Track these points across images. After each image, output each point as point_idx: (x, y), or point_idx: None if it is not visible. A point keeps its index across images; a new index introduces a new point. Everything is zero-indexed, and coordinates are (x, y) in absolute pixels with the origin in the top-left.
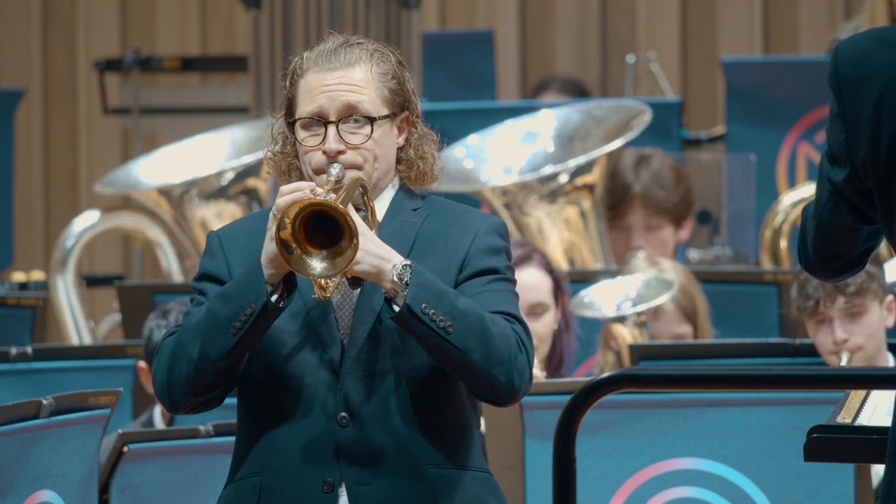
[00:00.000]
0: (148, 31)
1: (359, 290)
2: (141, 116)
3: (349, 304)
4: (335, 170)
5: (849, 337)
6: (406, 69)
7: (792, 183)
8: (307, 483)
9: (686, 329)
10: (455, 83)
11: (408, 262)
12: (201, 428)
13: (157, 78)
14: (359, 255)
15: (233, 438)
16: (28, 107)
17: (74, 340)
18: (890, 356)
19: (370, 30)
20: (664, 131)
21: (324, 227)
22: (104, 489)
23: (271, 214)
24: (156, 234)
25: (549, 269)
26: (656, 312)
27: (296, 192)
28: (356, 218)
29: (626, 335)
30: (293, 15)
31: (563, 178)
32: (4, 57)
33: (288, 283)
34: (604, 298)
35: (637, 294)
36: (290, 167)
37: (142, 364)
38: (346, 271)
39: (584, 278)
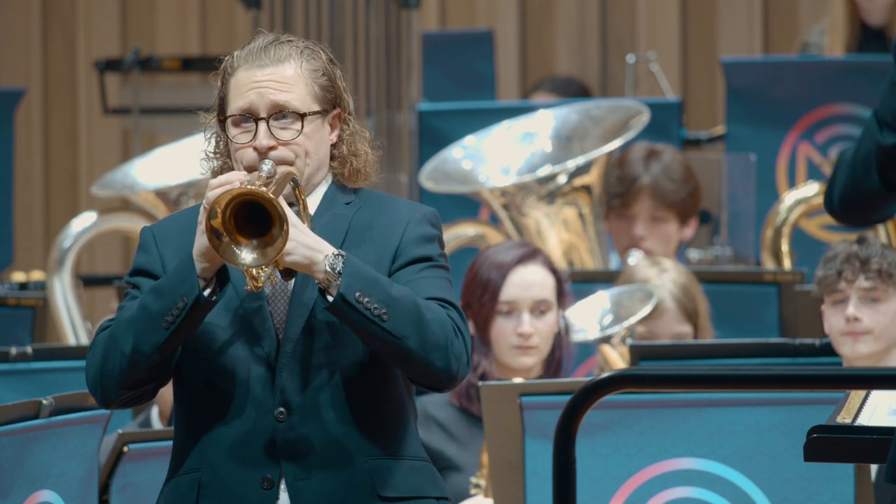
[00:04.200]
0: (148, 31)
1: (292, 284)
2: (141, 116)
3: (283, 299)
4: (266, 166)
5: (862, 317)
6: (337, 67)
7: (792, 183)
8: (246, 479)
9: (686, 329)
10: (455, 83)
11: (339, 251)
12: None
13: (157, 78)
14: (290, 245)
15: None
16: (28, 107)
17: (71, 341)
18: None
19: (370, 30)
20: (664, 131)
21: (255, 218)
22: (104, 489)
23: (202, 207)
24: None
25: (553, 268)
26: (657, 311)
27: (226, 184)
28: (286, 206)
29: (617, 359)
30: (293, 15)
31: (562, 179)
32: (4, 57)
33: (220, 277)
34: (583, 320)
35: (618, 307)
36: (223, 167)
37: None
38: (277, 261)
39: (583, 279)
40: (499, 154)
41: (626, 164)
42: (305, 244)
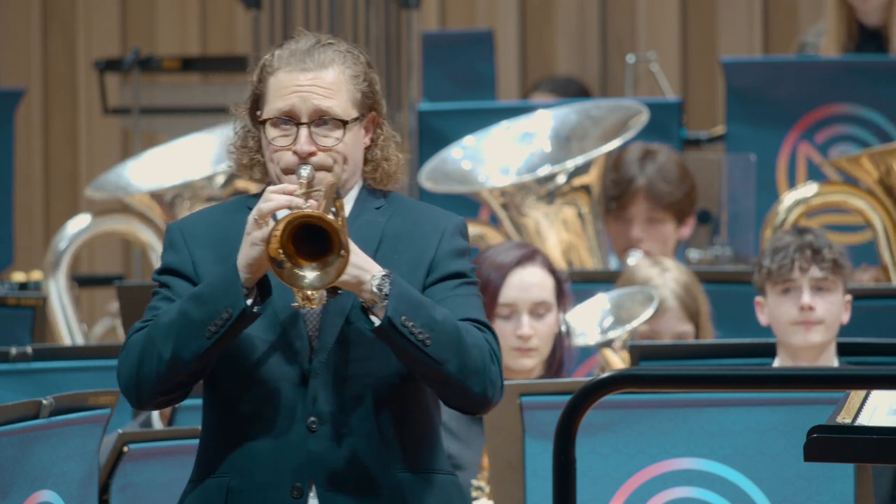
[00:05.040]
0: (148, 31)
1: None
2: (141, 116)
3: (317, 308)
4: (305, 171)
5: (815, 306)
6: (374, 70)
7: (792, 183)
8: (276, 487)
9: (688, 328)
10: (455, 83)
11: (385, 272)
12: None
13: (157, 78)
14: None
15: None
16: (28, 107)
17: (67, 342)
18: (836, 359)
19: (370, 30)
20: (664, 131)
21: (309, 237)
22: (104, 489)
23: (251, 219)
24: (148, 236)
25: (552, 269)
26: (659, 310)
27: (281, 197)
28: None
29: (618, 363)
30: (293, 15)
31: (561, 179)
32: (4, 57)
33: (262, 287)
34: (584, 324)
35: (618, 309)
36: (252, 162)
37: None
38: (333, 283)
39: (582, 279)
40: (498, 154)
41: (622, 166)
42: (356, 264)
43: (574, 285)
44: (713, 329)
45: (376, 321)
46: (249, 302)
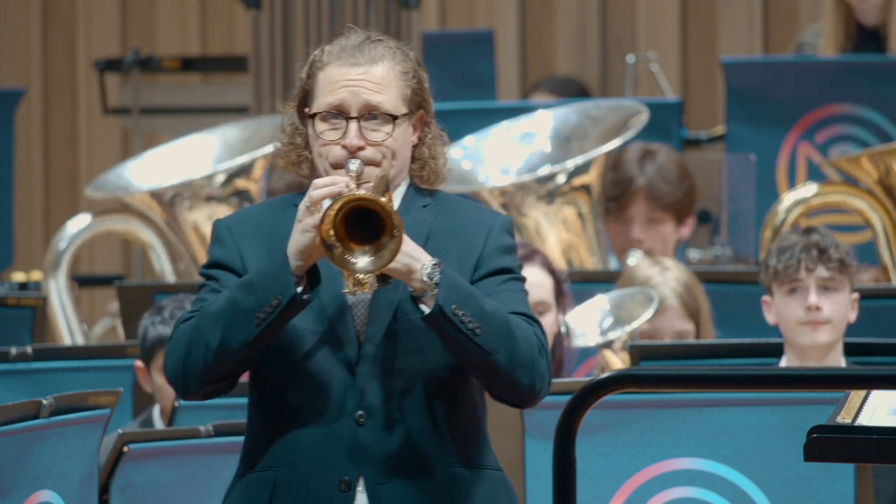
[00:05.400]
0: (148, 31)
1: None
2: (141, 116)
3: (364, 301)
4: (354, 165)
5: (822, 306)
6: (423, 69)
7: (792, 183)
8: (323, 480)
9: (688, 326)
10: (455, 83)
11: (435, 261)
12: (201, 428)
13: (157, 78)
14: None
15: (233, 439)
16: (28, 107)
17: (67, 342)
18: (843, 358)
19: (370, 30)
20: (664, 131)
21: (361, 223)
22: (104, 489)
23: (303, 206)
24: (148, 236)
25: (552, 269)
26: (659, 309)
27: (332, 185)
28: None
29: (618, 364)
30: (293, 15)
31: (561, 179)
32: (4, 57)
33: (311, 276)
34: (584, 324)
35: (618, 310)
36: (300, 158)
37: (138, 363)
38: (386, 267)
39: (582, 279)
40: (498, 154)
41: (621, 166)
42: (406, 252)
43: (574, 285)
44: (714, 329)
45: (426, 310)
46: (299, 290)
